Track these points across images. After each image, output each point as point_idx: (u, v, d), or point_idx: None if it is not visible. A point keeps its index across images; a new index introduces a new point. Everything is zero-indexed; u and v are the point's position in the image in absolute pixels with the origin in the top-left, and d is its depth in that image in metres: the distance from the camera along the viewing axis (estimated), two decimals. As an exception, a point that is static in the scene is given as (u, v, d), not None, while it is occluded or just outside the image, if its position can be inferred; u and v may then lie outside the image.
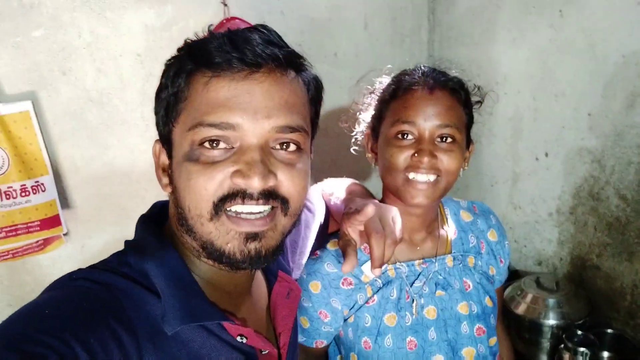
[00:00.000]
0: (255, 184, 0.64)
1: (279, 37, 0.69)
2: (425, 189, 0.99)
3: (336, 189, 1.04)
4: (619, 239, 1.69)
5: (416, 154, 0.98)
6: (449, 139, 0.99)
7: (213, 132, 0.64)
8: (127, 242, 0.74)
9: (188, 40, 0.70)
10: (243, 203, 0.65)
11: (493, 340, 1.12)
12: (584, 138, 1.75)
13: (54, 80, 1.53)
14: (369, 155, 1.12)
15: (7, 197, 1.47)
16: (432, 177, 0.99)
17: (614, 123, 1.64)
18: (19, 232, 1.50)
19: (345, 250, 0.88)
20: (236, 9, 1.76)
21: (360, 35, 2.11)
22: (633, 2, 1.50)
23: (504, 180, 2.11)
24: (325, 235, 1.08)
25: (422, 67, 1.06)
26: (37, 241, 1.56)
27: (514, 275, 2.09)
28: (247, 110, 0.64)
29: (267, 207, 0.67)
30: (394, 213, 0.92)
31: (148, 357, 0.63)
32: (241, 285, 0.79)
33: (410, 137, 0.99)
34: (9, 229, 1.48)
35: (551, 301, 1.70)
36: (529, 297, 1.75)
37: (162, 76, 0.70)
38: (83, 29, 1.54)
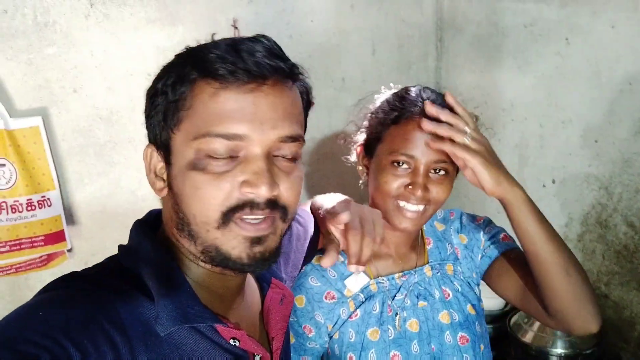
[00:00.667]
0: (263, 192, 0.65)
1: (280, 48, 0.71)
2: (414, 218, 1.03)
3: (325, 202, 1.05)
4: (628, 267, 1.66)
5: (410, 186, 1.00)
6: (442, 172, 1.02)
7: (221, 143, 0.65)
8: (120, 246, 0.75)
9: (189, 47, 0.71)
10: (251, 213, 0.66)
11: (481, 347, 1.11)
12: (591, 165, 1.75)
13: (64, 97, 1.56)
14: (360, 168, 1.15)
15: (13, 210, 1.47)
16: (421, 207, 1.02)
17: (621, 150, 1.64)
18: (23, 246, 1.50)
19: (326, 246, 0.91)
20: (246, 32, 1.79)
21: (368, 61, 2.14)
22: (639, 29, 1.51)
23: (511, 208, 2.09)
24: (315, 250, 1.08)
25: (424, 93, 1.06)
26: (41, 257, 1.56)
27: (520, 304, 2.05)
28: (254, 121, 0.65)
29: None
30: (375, 215, 0.94)
31: (140, 358, 0.63)
32: (233, 288, 0.79)
33: (405, 166, 1.01)
34: (13, 242, 1.48)
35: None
36: (537, 325, 1.72)
37: (158, 81, 0.70)
38: (95, 49, 1.57)
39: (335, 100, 2.08)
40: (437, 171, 1.02)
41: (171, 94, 0.68)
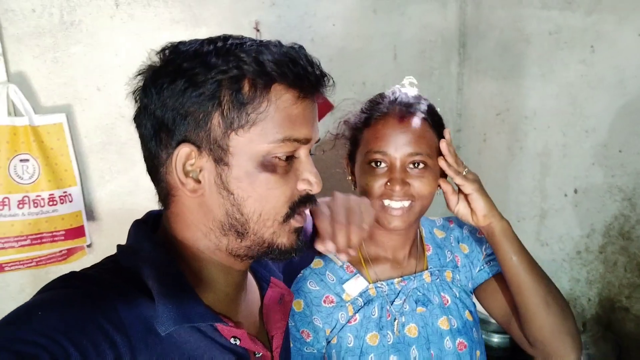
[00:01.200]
0: (316, 189, 0.74)
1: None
2: (401, 215, 1.03)
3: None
4: (650, 280, 1.62)
5: (389, 183, 1.02)
6: (421, 165, 1.03)
7: (295, 146, 0.71)
8: (119, 246, 0.75)
9: (242, 54, 0.68)
10: (307, 207, 0.75)
11: (477, 353, 1.11)
12: (615, 175, 1.71)
13: (88, 95, 1.59)
14: (349, 178, 1.16)
15: (35, 205, 1.50)
16: (406, 203, 1.03)
17: (645, 160, 1.60)
18: (44, 240, 1.53)
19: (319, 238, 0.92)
20: (268, 35, 1.81)
21: (389, 66, 2.14)
22: (666, 38, 1.48)
23: (531, 217, 2.06)
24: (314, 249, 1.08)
25: (395, 93, 1.09)
26: (61, 251, 1.59)
27: (539, 315, 2.02)
28: (315, 125, 0.75)
29: None
30: (363, 204, 0.96)
31: (140, 358, 0.63)
32: (237, 283, 0.80)
33: (383, 164, 1.03)
34: (34, 236, 1.51)
35: (577, 343, 1.63)
36: (554, 337, 1.68)
37: (212, 82, 0.67)
38: (119, 48, 1.60)
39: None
40: (416, 165, 1.03)
41: (234, 95, 0.66)
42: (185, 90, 0.66)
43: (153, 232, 0.77)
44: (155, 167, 0.73)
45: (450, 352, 1.05)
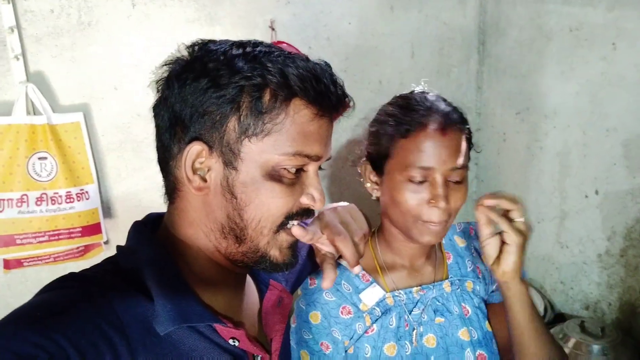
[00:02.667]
0: (319, 206, 0.75)
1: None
2: (439, 231, 0.99)
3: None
4: (673, 285, 1.57)
5: (432, 200, 0.96)
6: (459, 178, 0.99)
7: (304, 161, 0.72)
8: (119, 247, 0.75)
9: (269, 64, 0.68)
10: (303, 219, 0.76)
11: None
12: (636, 176, 1.66)
13: (105, 94, 1.61)
14: (369, 184, 1.09)
15: (53, 202, 1.53)
16: (444, 218, 0.98)
17: (668, 161, 1.55)
18: (61, 236, 1.56)
19: (322, 265, 0.89)
20: (283, 34, 1.81)
21: (406, 64, 2.12)
22: (690, 34, 1.43)
23: (551, 218, 2.02)
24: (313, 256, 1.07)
25: (428, 100, 1.02)
26: (78, 247, 1.62)
27: (558, 318, 1.98)
28: (328, 145, 0.75)
29: None
30: (353, 211, 0.94)
31: (139, 358, 0.63)
32: (235, 283, 0.80)
33: (422, 179, 0.97)
34: (51, 233, 1.54)
35: (595, 347, 1.60)
36: (572, 341, 1.65)
37: (234, 86, 0.67)
38: (136, 48, 1.62)
39: (372, 102, 2.05)
40: (454, 179, 0.98)
41: (254, 102, 0.67)
42: (207, 90, 0.67)
43: (152, 234, 0.77)
44: (166, 160, 0.74)
45: None
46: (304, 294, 1.05)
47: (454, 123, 0.99)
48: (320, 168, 0.77)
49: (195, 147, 0.69)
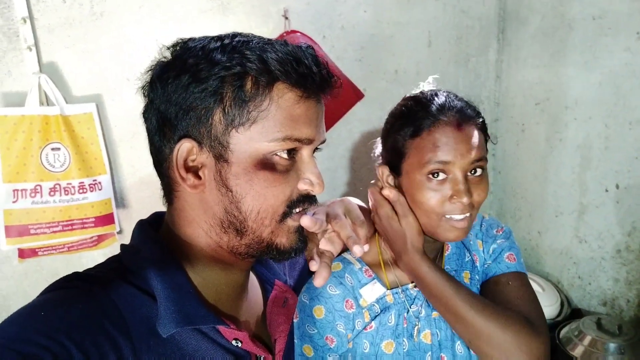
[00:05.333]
0: (318, 190, 0.74)
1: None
2: (464, 227, 0.97)
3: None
4: (695, 284, 1.53)
5: (454, 197, 0.94)
6: (479, 171, 0.97)
7: (296, 145, 0.70)
8: (123, 246, 0.75)
9: (247, 52, 0.68)
10: (305, 206, 0.74)
11: None
12: (659, 170, 1.61)
13: (117, 85, 1.61)
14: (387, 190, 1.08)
15: (66, 192, 1.55)
16: (468, 214, 0.97)
17: (693, 156, 1.50)
18: (74, 227, 1.58)
19: (310, 262, 0.86)
20: (297, 23, 1.79)
21: (423, 53, 2.07)
22: None
23: (570, 212, 1.97)
24: None
25: (439, 96, 1.00)
26: (92, 237, 1.63)
27: (575, 314, 1.94)
28: (320, 126, 0.74)
29: None
30: (347, 204, 0.94)
31: (143, 358, 0.63)
32: (238, 283, 0.80)
33: (442, 175, 0.95)
34: (65, 223, 1.56)
35: (612, 346, 1.56)
36: (587, 339, 1.62)
37: (215, 78, 0.67)
38: (148, 39, 1.61)
39: (387, 92, 2.03)
40: (474, 172, 0.96)
41: (239, 92, 0.67)
42: (188, 85, 0.67)
43: (156, 233, 0.77)
44: (160, 162, 0.73)
45: (462, 357, 1.02)
46: (307, 288, 1.04)
47: (469, 117, 0.97)
48: (316, 149, 0.76)
49: (185, 145, 0.68)
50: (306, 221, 0.74)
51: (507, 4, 2.14)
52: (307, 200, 0.74)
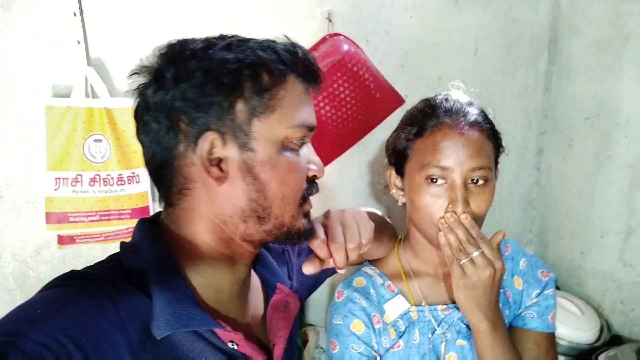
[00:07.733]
0: (321, 174, 0.78)
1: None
2: None
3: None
4: None
5: (450, 205, 0.91)
6: (481, 181, 0.93)
7: (306, 132, 0.75)
8: (122, 244, 0.76)
9: (256, 46, 0.70)
10: (312, 192, 0.78)
11: None
12: None
13: (160, 80, 1.64)
14: (394, 191, 1.06)
15: (105, 183, 1.59)
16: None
17: None
18: (111, 217, 1.62)
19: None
20: (341, 26, 1.77)
21: (469, 61, 2.02)
22: None
23: (616, 233, 1.88)
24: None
25: (448, 99, 0.98)
26: (127, 228, 1.67)
27: (615, 340, 1.85)
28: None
29: None
30: (359, 218, 0.88)
31: (139, 357, 0.64)
32: (239, 283, 0.80)
33: (441, 181, 0.92)
34: (103, 213, 1.60)
35: (651, 377, 1.48)
36: (627, 367, 1.54)
37: (233, 70, 0.68)
38: (192, 35, 1.63)
39: (429, 100, 1.99)
40: (476, 181, 0.93)
41: (255, 82, 0.69)
42: (206, 82, 0.67)
43: (157, 231, 0.77)
44: (168, 163, 0.72)
45: None
46: (335, 309, 1.02)
47: (474, 122, 0.94)
48: None
49: (210, 137, 0.69)
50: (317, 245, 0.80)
51: (562, 13, 2.06)
52: (313, 185, 0.78)
